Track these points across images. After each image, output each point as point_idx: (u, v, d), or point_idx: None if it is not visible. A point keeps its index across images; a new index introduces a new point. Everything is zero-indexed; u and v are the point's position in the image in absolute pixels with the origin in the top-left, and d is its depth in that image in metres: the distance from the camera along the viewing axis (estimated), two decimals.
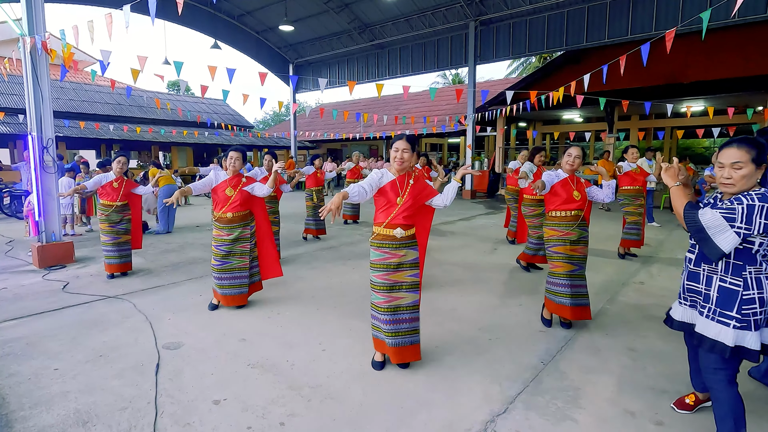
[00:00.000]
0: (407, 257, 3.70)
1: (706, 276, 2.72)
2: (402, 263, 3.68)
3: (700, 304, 2.77)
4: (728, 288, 2.60)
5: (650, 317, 5.10)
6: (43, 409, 3.26)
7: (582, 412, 3.23)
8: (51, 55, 7.45)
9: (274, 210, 7.49)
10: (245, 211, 5.32)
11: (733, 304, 2.57)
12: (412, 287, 3.75)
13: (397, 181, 3.72)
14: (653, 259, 7.87)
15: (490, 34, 17.94)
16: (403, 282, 3.70)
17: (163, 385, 3.59)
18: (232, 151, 5.27)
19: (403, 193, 3.68)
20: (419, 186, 3.76)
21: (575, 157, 4.70)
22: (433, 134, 24.68)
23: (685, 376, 3.70)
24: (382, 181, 3.73)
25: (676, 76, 15.32)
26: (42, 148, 7.33)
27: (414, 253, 3.75)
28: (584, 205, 4.67)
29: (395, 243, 3.66)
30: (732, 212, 2.44)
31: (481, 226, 11.69)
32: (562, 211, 4.70)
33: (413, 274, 3.74)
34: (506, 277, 6.76)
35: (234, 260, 5.24)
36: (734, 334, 2.55)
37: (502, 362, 4.00)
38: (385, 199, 3.71)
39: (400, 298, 3.71)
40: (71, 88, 23.58)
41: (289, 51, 24.27)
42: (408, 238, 3.70)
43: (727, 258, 2.58)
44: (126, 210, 6.80)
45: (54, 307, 5.46)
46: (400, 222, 3.65)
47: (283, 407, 3.29)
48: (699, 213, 2.57)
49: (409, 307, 3.76)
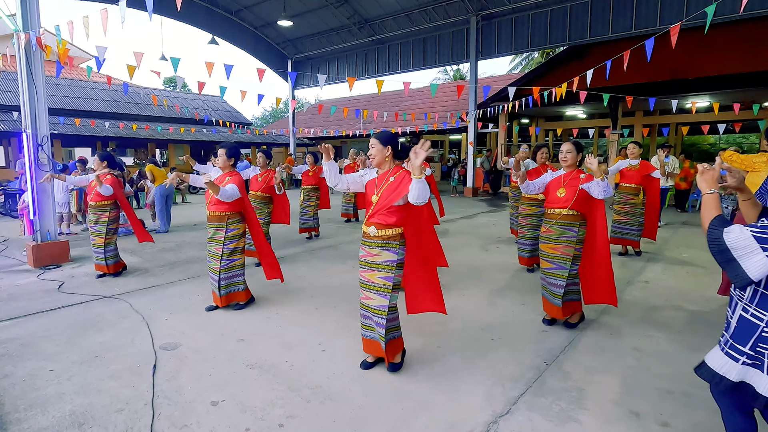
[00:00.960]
0: (380, 257, 3.60)
1: (734, 301, 2.34)
2: (374, 263, 3.63)
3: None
4: (748, 320, 2.21)
5: (655, 317, 5.09)
6: (39, 411, 3.25)
7: (586, 413, 3.23)
8: (46, 51, 7.43)
9: (264, 211, 7.46)
10: (222, 212, 5.11)
11: (749, 339, 2.19)
12: (383, 290, 3.62)
13: (376, 179, 3.72)
14: (658, 257, 7.86)
15: (492, 29, 17.90)
16: (373, 283, 3.64)
17: (160, 387, 3.59)
18: (219, 148, 5.28)
19: (378, 191, 3.64)
20: (394, 184, 3.58)
21: (566, 153, 4.68)
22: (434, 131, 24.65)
23: (690, 376, 3.69)
24: (364, 178, 3.80)
25: (681, 72, 15.28)
26: (37, 146, 7.32)
27: (389, 254, 3.59)
28: (568, 203, 4.58)
29: (369, 241, 3.66)
30: (766, 232, 2.04)
31: (483, 224, 11.68)
32: (548, 209, 4.79)
33: (385, 277, 3.60)
34: (509, 277, 6.75)
35: (211, 260, 5.23)
36: (740, 370, 2.21)
37: (505, 362, 4.00)
38: (366, 196, 3.78)
39: (369, 299, 3.69)
40: (66, 84, 23.57)
41: (288, 46, 24.23)
42: (383, 237, 3.59)
43: (756, 286, 2.18)
44: (112, 209, 6.67)
45: (49, 307, 5.46)
46: (375, 220, 3.60)
47: (282, 408, 3.28)
48: (724, 231, 2.14)
49: (377, 311, 3.66)
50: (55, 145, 19.27)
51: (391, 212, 3.57)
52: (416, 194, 3.31)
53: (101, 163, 6.69)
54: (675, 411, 3.26)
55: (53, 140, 15.12)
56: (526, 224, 6.98)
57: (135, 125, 20.63)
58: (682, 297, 5.77)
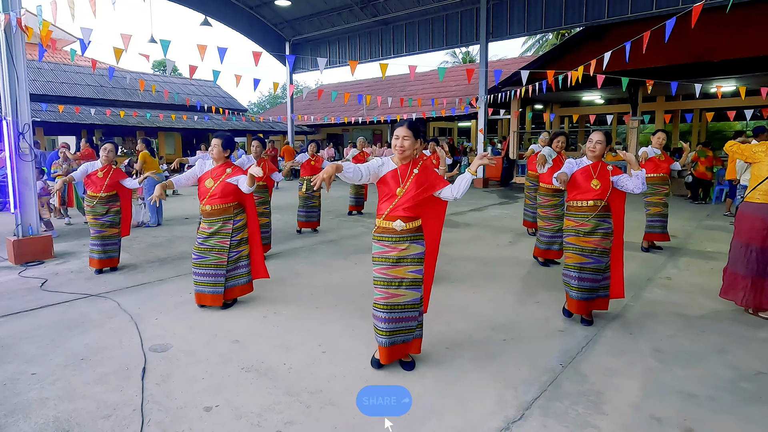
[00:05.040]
0: (409, 251, 3.69)
1: None
2: (402, 257, 3.68)
3: None
4: None
5: (678, 315, 5.08)
6: (20, 417, 3.25)
7: (604, 418, 3.21)
8: (27, 33, 7.41)
9: (264, 200, 7.47)
10: (227, 204, 5.20)
11: None
12: (414, 284, 3.74)
13: (399, 171, 3.72)
14: (681, 251, 7.83)
15: (504, 8, 17.77)
16: (403, 278, 3.70)
17: (150, 391, 3.58)
18: (214, 137, 5.27)
19: (404, 183, 3.68)
20: (424, 176, 3.73)
21: (596, 143, 4.72)
22: (442, 118, 24.56)
23: (715, 379, 3.68)
24: (382, 169, 3.76)
25: (704, 54, 15.16)
26: (18, 134, 7.31)
27: (418, 247, 3.74)
28: (604, 195, 4.68)
29: (395, 236, 3.68)
30: None
31: (495, 217, 11.66)
32: (578, 201, 4.80)
33: (416, 270, 3.73)
34: (522, 273, 6.73)
35: (211, 256, 5.21)
36: None
37: (518, 364, 3.98)
38: (386, 189, 3.75)
39: (400, 296, 3.71)
40: (49, 69, 23.58)
41: (286, 28, 24.15)
42: (410, 231, 3.69)
43: None
44: (113, 201, 6.80)
45: (31, 306, 5.46)
46: (401, 214, 3.65)
47: (280, 414, 3.28)
48: None
49: (409, 305, 3.75)
50: (38, 133, 19.27)
51: (417, 204, 3.70)
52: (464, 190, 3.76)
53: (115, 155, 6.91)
54: (699, 416, 3.24)
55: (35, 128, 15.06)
56: (549, 215, 6.96)
57: (122, 112, 20.59)
58: (706, 294, 5.73)
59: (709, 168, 13.50)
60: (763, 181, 4.91)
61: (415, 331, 3.85)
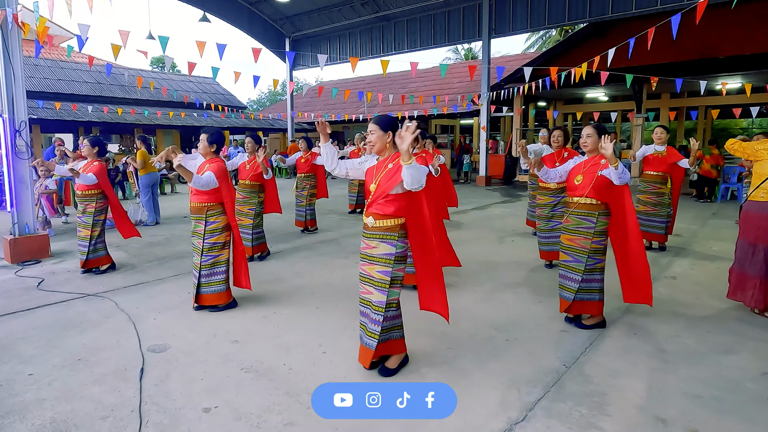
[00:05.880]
0: (377, 250, 3.62)
1: None
2: (372, 256, 3.65)
3: None
4: None
5: (683, 315, 5.07)
6: (16, 418, 3.25)
7: (608, 419, 3.21)
8: (23, 29, 7.41)
9: (254, 201, 7.34)
10: (201, 204, 5.08)
11: None
12: (380, 285, 3.62)
13: (375, 167, 3.73)
14: (686, 251, 7.82)
15: (506, 4, 17.75)
16: (372, 276, 3.67)
17: (148, 392, 3.58)
18: (201, 133, 5.20)
19: (376, 179, 3.65)
20: (391, 171, 3.57)
21: (586, 137, 4.71)
22: (444, 115, 24.53)
23: (721, 380, 3.68)
24: (364, 165, 3.82)
25: (710, 51, 15.16)
26: (14, 132, 7.31)
27: (388, 247, 3.60)
28: (584, 191, 4.58)
29: (367, 232, 3.69)
30: None
31: (497, 215, 11.66)
32: (567, 198, 4.89)
33: (383, 271, 3.61)
34: (525, 272, 6.73)
35: (194, 256, 5.23)
36: None
37: (521, 365, 3.98)
38: (365, 185, 3.79)
39: (369, 293, 3.71)
40: (46, 65, 23.53)
41: (286, 24, 24.14)
42: (380, 229, 3.60)
43: None
44: (99, 199, 6.64)
45: (28, 306, 5.46)
46: (373, 210, 3.62)
47: (280, 415, 3.28)
48: None
49: (375, 307, 3.66)
50: (34, 131, 19.26)
51: (389, 201, 3.58)
52: (409, 179, 3.30)
53: (92, 149, 6.63)
54: (704, 417, 3.23)
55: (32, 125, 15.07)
56: (541, 215, 6.97)
57: (120, 109, 20.55)
58: (711, 294, 5.73)
59: (714, 166, 13.49)
60: (766, 180, 4.89)
61: (380, 336, 3.66)
